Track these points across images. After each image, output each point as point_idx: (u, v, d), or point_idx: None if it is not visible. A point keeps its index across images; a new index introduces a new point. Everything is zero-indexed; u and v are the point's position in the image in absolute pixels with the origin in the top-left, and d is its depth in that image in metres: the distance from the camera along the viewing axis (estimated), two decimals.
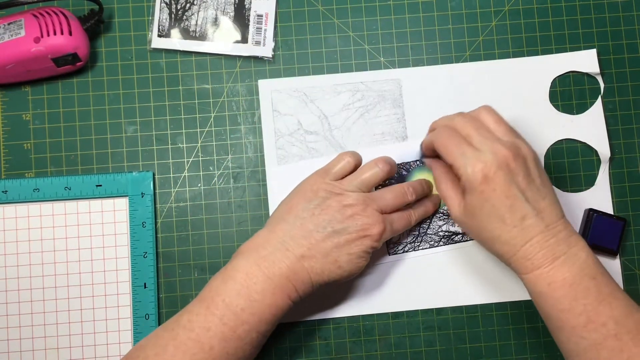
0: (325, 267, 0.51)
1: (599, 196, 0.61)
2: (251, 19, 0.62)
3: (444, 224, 0.60)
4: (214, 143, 0.62)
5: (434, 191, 0.60)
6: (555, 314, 0.49)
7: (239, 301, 0.49)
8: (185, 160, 0.61)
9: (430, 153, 0.56)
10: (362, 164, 0.55)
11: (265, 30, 0.62)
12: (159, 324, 0.58)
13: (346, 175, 0.55)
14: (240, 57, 0.62)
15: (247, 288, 0.49)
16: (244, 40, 0.62)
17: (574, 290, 0.48)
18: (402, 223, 0.55)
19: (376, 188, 0.56)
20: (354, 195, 0.52)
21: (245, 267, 0.50)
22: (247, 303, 0.49)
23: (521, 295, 0.60)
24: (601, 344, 0.47)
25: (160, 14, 0.62)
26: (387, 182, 0.59)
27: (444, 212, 0.61)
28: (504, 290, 0.60)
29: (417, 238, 0.60)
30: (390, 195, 0.54)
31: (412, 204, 0.58)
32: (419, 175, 0.60)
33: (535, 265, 0.49)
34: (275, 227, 0.52)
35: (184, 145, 0.61)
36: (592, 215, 0.60)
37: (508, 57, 0.63)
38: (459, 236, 0.60)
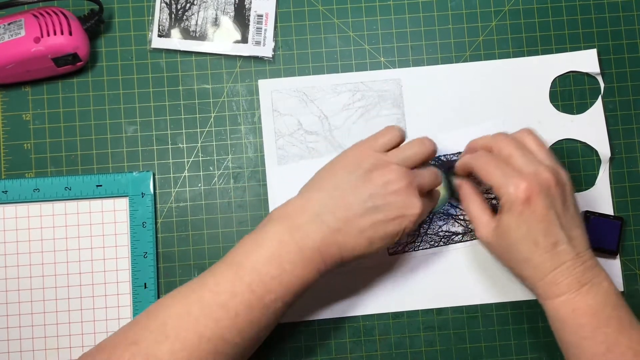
0: (358, 243, 0.49)
1: (599, 196, 0.61)
2: (251, 19, 0.62)
3: (444, 224, 0.60)
4: (214, 143, 0.62)
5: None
6: (576, 341, 0.49)
7: (269, 269, 0.47)
8: (185, 160, 0.61)
9: (463, 173, 0.56)
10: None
11: (265, 30, 0.62)
12: None
13: (391, 149, 0.53)
14: (240, 57, 0.62)
15: (278, 257, 0.48)
16: (244, 40, 0.62)
17: (597, 319, 0.49)
18: (427, 208, 0.54)
19: None
20: (399, 170, 0.50)
21: (278, 235, 0.48)
22: (277, 272, 0.47)
23: (521, 295, 0.60)
24: None
25: (160, 14, 0.62)
26: None
27: (444, 212, 0.61)
28: (504, 290, 0.60)
29: (417, 238, 0.60)
30: (428, 176, 0.53)
31: None
32: None
33: (562, 291, 0.49)
34: (311, 196, 0.50)
35: (184, 145, 0.61)
36: (588, 217, 0.59)
37: (508, 57, 0.63)
38: (459, 236, 0.60)
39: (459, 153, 0.61)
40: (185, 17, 0.62)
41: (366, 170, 0.50)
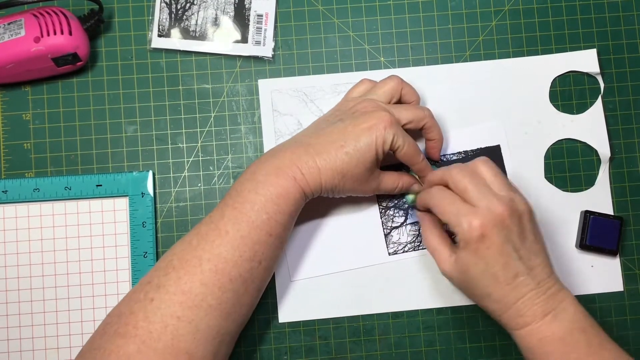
0: (331, 151, 0.51)
1: (599, 196, 0.61)
2: (251, 18, 0.62)
3: (444, 224, 0.60)
4: (214, 143, 0.62)
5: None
6: None
7: (246, 185, 0.51)
8: (185, 160, 0.61)
9: (423, 208, 0.56)
10: None
11: (265, 30, 0.62)
12: None
13: None
14: (240, 57, 0.62)
15: (253, 174, 0.52)
16: (244, 40, 0.62)
17: (564, 345, 0.48)
18: (411, 141, 0.54)
19: None
20: (373, 101, 0.55)
21: (255, 163, 0.53)
22: (252, 185, 0.51)
23: None
24: None
25: (160, 14, 0.62)
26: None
27: None
28: None
29: (417, 238, 0.60)
30: (407, 110, 0.55)
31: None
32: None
33: (526, 321, 0.49)
34: (290, 139, 0.55)
35: (184, 145, 0.61)
36: (588, 217, 0.59)
37: (508, 57, 0.63)
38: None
39: (459, 153, 0.61)
40: (185, 17, 0.62)
41: (337, 109, 0.56)
